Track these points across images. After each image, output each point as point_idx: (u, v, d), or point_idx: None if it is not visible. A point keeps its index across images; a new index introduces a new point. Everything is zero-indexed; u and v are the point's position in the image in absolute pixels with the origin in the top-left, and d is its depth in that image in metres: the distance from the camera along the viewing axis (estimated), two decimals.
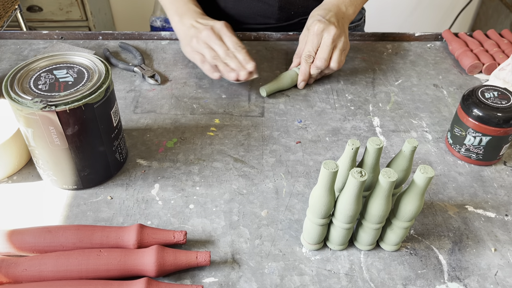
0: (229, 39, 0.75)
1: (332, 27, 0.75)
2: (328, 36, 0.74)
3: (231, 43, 0.74)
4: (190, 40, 0.76)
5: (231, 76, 0.72)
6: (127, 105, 0.73)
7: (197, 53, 0.75)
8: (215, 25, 0.75)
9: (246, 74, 0.72)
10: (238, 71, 0.72)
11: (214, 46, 0.74)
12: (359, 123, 0.71)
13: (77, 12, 1.97)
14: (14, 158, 0.59)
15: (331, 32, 0.74)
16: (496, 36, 0.90)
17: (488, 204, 0.58)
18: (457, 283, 0.49)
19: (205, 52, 0.74)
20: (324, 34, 0.75)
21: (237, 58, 0.73)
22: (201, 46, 0.75)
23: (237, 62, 0.73)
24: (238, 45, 0.74)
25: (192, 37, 0.76)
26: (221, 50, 0.74)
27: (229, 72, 0.72)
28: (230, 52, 0.74)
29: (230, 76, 0.72)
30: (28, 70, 0.53)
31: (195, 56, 0.76)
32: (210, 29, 0.74)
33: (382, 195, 0.45)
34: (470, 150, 0.62)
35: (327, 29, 0.75)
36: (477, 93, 0.61)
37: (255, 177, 0.61)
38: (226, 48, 0.74)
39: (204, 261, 0.47)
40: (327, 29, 0.75)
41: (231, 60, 0.73)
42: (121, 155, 0.60)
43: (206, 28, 0.75)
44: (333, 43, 0.75)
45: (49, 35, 0.89)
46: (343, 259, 0.51)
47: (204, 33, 0.74)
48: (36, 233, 0.48)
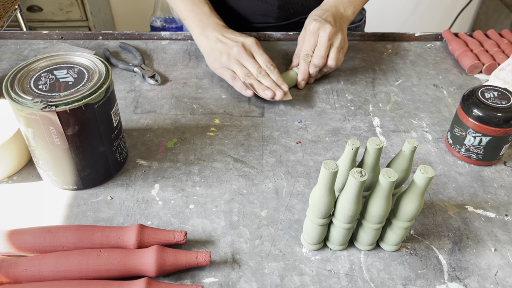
0: (261, 57, 0.75)
1: (328, 25, 0.75)
2: (324, 34, 0.74)
3: (263, 61, 0.74)
4: (219, 55, 0.75)
5: (267, 94, 0.71)
6: (127, 105, 0.73)
7: (227, 69, 0.75)
8: (246, 42, 0.75)
9: (282, 94, 0.71)
10: (274, 90, 0.72)
11: (247, 63, 0.74)
12: (359, 123, 0.71)
13: (77, 12, 1.97)
14: (14, 158, 0.59)
15: (326, 30, 0.74)
16: (496, 36, 0.90)
17: (488, 204, 0.58)
18: (457, 283, 0.49)
19: (237, 69, 0.74)
20: (320, 32, 0.75)
21: (270, 77, 0.73)
22: (232, 62, 0.74)
23: (270, 81, 0.73)
24: (270, 63, 0.74)
25: (221, 52, 0.75)
26: (253, 68, 0.73)
27: (265, 90, 0.71)
28: (262, 70, 0.73)
29: (266, 94, 0.71)
30: (28, 70, 0.53)
31: (225, 73, 0.75)
32: (241, 45, 0.74)
33: (382, 195, 0.45)
34: (470, 150, 0.62)
35: (322, 27, 0.75)
36: (477, 93, 0.61)
37: (255, 177, 0.61)
38: (259, 66, 0.74)
39: (204, 261, 0.47)
40: (323, 27, 0.75)
41: (264, 78, 0.73)
42: (121, 155, 0.60)
43: (237, 44, 0.74)
44: (329, 41, 0.75)
45: (49, 35, 0.89)
46: (343, 259, 0.51)
47: (235, 49, 0.74)
48: (36, 233, 0.48)
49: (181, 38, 0.91)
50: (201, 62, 0.84)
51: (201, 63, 0.84)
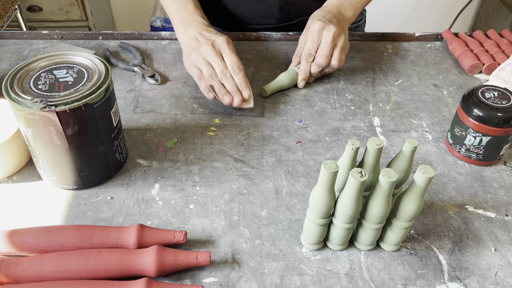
0: (229, 58, 0.72)
1: (332, 25, 0.75)
2: (328, 34, 0.74)
3: (230, 62, 0.72)
4: (190, 53, 0.74)
5: (225, 100, 0.69)
6: (127, 105, 0.73)
7: (196, 68, 0.73)
8: (217, 40, 0.73)
9: (240, 101, 0.69)
10: (233, 96, 0.69)
11: (213, 63, 0.72)
12: (359, 123, 0.71)
13: (77, 12, 1.97)
14: (14, 158, 0.59)
15: (331, 30, 0.74)
16: (496, 36, 0.90)
17: (488, 204, 0.58)
18: (457, 283, 0.49)
19: (203, 68, 0.72)
20: (324, 32, 0.75)
21: (234, 80, 0.71)
22: (200, 61, 0.72)
23: (233, 85, 0.70)
24: (236, 65, 0.71)
25: (192, 50, 0.73)
26: (219, 68, 0.71)
27: (224, 95, 0.69)
28: (227, 72, 0.71)
29: (224, 99, 0.69)
30: (28, 70, 0.53)
31: (193, 71, 0.74)
32: (211, 44, 0.72)
33: (382, 195, 0.45)
34: (470, 150, 0.62)
35: (326, 28, 0.75)
36: (477, 93, 0.61)
37: (255, 177, 0.61)
38: (225, 67, 0.71)
39: (204, 261, 0.47)
40: (327, 28, 0.74)
41: (227, 81, 0.70)
42: (121, 155, 0.60)
43: (207, 42, 0.72)
44: (333, 41, 0.75)
45: (49, 35, 0.89)
46: (343, 259, 0.51)
47: (204, 47, 0.72)
48: (36, 233, 0.48)
49: None
50: None
51: None
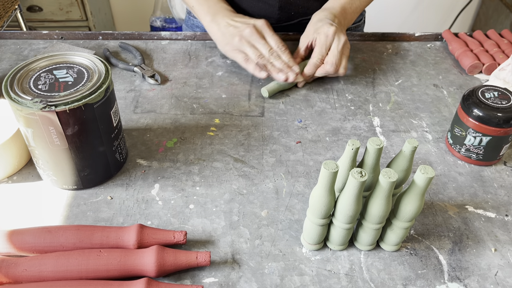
0: (272, 38, 0.75)
1: (342, 34, 0.76)
2: (339, 43, 0.75)
3: (274, 42, 0.75)
4: (231, 38, 0.76)
5: (280, 76, 0.73)
6: (127, 105, 0.73)
7: (240, 51, 0.76)
8: (257, 23, 0.76)
9: (295, 76, 0.73)
10: (287, 72, 0.73)
11: (258, 45, 0.75)
12: (359, 123, 0.71)
13: (77, 12, 1.97)
14: (14, 158, 0.58)
15: (341, 39, 0.75)
16: (496, 36, 0.90)
17: (488, 204, 0.58)
18: (457, 283, 0.49)
19: (249, 51, 0.75)
20: (335, 40, 0.76)
21: (282, 59, 0.74)
22: (244, 44, 0.75)
23: (282, 63, 0.74)
24: (281, 44, 0.75)
25: (233, 35, 0.75)
26: (265, 49, 0.74)
27: (278, 72, 0.73)
28: (274, 51, 0.74)
29: (279, 76, 0.73)
30: (28, 70, 0.53)
31: (237, 55, 0.76)
32: (253, 27, 0.75)
33: (382, 195, 0.45)
34: (470, 150, 0.62)
35: (338, 36, 0.75)
36: (477, 93, 0.61)
37: (255, 177, 0.60)
38: (270, 48, 0.75)
39: (204, 261, 0.47)
40: (338, 36, 0.75)
41: (276, 60, 0.74)
42: (121, 155, 0.60)
43: (249, 26, 0.75)
44: (342, 49, 0.76)
45: (49, 35, 0.89)
46: (343, 259, 0.51)
47: (247, 31, 0.75)
48: (36, 233, 0.48)
49: (181, 38, 0.91)
50: (201, 62, 0.84)
51: (201, 63, 0.84)
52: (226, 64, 0.84)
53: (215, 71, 0.82)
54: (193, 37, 0.91)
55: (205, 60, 0.85)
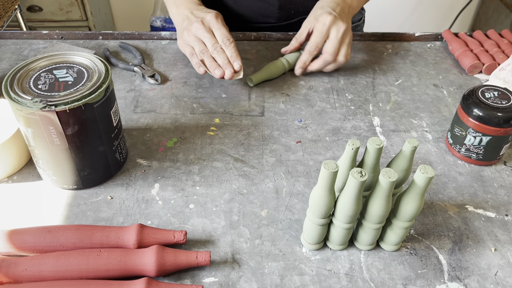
0: (219, 32, 0.74)
1: (341, 22, 0.75)
2: (337, 32, 0.75)
3: (220, 35, 0.74)
4: (182, 32, 0.76)
5: (216, 73, 0.71)
6: (127, 105, 0.73)
7: (188, 45, 0.76)
8: (206, 17, 0.75)
9: (231, 74, 0.70)
10: (224, 69, 0.71)
11: (204, 39, 0.74)
12: (359, 122, 0.71)
13: (77, 12, 1.97)
14: (14, 158, 0.59)
15: (340, 27, 0.75)
16: (496, 36, 0.90)
17: (488, 204, 0.58)
18: (457, 283, 0.49)
19: (195, 45, 0.74)
20: (333, 28, 0.75)
21: (225, 53, 0.72)
22: (191, 38, 0.74)
23: (224, 58, 0.72)
24: (226, 38, 0.73)
25: (184, 29, 0.76)
26: (209, 43, 0.73)
27: (215, 69, 0.71)
28: (218, 46, 0.73)
29: (215, 73, 0.71)
30: (28, 70, 0.53)
31: (186, 49, 0.76)
32: (201, 21, 0.74)
33: (382, 195, 0.45)
34: (470, 150, 0.62)
35: (336, 24, 0.75)
36: (477, 93, 0.61)
37: (255, 176, 0.61)
38: (215, 41, 0.73)
39: (204, 261, 0.47)
40: (336, 24, 0.75)
41: (218, 55, 0.72)
42: (121, 155, 0.60)
43: (197, 20, 0.74)
44: (342, 38, 0.75)
45: (49, 35, 0.89)
46: (343, 259, 0.51)
47: (194, 25, 0.74)
48: (36, 233, 0.48)
49: None
50: None
51: None
52: None
53: None
54: None
55: None
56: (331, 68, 0.79)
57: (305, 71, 0.79)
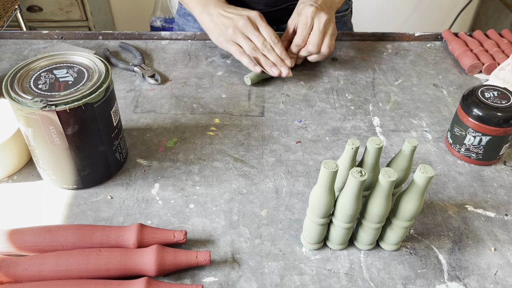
0: (265, 30, 0.76)
1: (323, 13, 0.76)
2: (320, 22, 0.76)
3: (267, 34, 0.75)
4: (224, 29, 0.76)
5: (274, 71, 0.74)
6: (127, 105, 0.73)
7: (233, 43, 0.76)
8: (251, 15, 0.76)
9: (288, 72, 0.75)
10: (279, 67, 0.74)
11: (252, 36, 0.75)
12: (359, 122, 0.71)
13: (77, 12, 1.97)
14: (14, 158, 0.59)
15: (322, 18, 0.76)
16: (496, 36, 0.90)
17: (488, 203, 0.58)
18: (457, 283, 0.49)
19: (243, 42, 0.75)
20: (315, 20, 0.76)
21: (275, 51, 0.75)
22: (237, 36, 0.75)
23: (275, 56, 0.75)
24: (275, 36, 0.76)
25: (227, 26, 0.76)
26: (258, 41, 0.75)
27: (271, 67, 0.74)
28: (267, 43, 0.75)
29: (273, 71, 0.74)
30: (28, 70, 0.53)
31: (231, 47, 0.76)
32: (247, 18, 0.75)
33: (382, 194, 0.45)
34: (470, 149, 0.62)
35: (318, 15, 0.76)
36: (477, 92, 0.61)
37: (255, 176, 0.61)
38: (264, 40, 0.75)
39: (204, 260, 0.47)
40: (318, 15, 0.76)
41: (269, 53, 0.75)
42: (121, 154, 0.60)
43: (242, 17, 0.75)
44: (324, 28, 0.76)
45: (49, 35, 0.89)
46: (343, 259, 0.51)
47: (240, 22, 0.75)
48: (36, 233, 0.48)
49: (181, 38, 0.91)
50: (201, 62, 0.84)
51: (201, 63, 0.84)
52: (226, 64, 0.84)
53: (215, 71, 0.82)
54: (193, 37, 0.91)
55: (205, 60, 0.85)
56: (314, 58, 0.80)
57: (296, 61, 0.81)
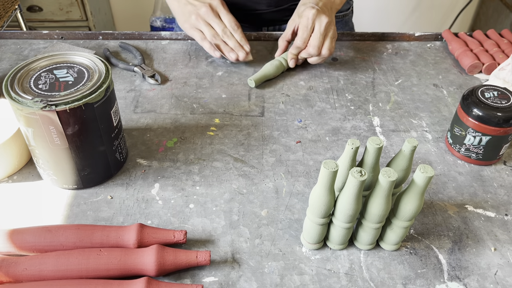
0: (226, 17, 0.78)
1: (324, 16, 0.77)
2: (320, 25, 0.77)
3: (228, 21, 0.78)
4: (188, 16, 0.79)
5: (231, 56, 0.77)
6: (127, 105, 0.73)
7: (197, 30, 0.79)
8: (213, 2, 0.79)
9: (245, 56, 0.78)
10: (237, 52, 0.77)
11: (213, 23, 0.78)
12: (359, 122, 0.71)
13: (77, 12, 1.97)
14: (15, 158, 0.59)
15: (323, 20, 0.76)
16: (496, 36, 0.90)
17: (488, 203, 0.58)
18: (457, 283, 0.49)
19: (205, 29, 0.78)
20: (316, 22, 0.77)
21: (234, 38, 0.78)
22: (200, 23, 0.78)
23: (234, 42, 0.78)
24: (234, 23, 0.78)
25: (190, 13, 0.79)
26: (219, 28, 0.78)
27: (229, 52, 0.77)
28: (227, 30, 0.78)
29: (230, 56, 0.77)
30: (28, 70, 0.53)
31: (195, 33, 0.79)
32: (208, 6, 0.78)
33: (382, 194, 0.45)
34: (470, 149, 0.63)
35: (319, 18, 0.77)
36: (477, 92, 0.61)
37: (255, 176, 0.61)
38: (224, 26, 0.78)
39: (204, 260, 0.47)
40: (319, 18, 0.76)
41: (229, 39, 0.78)
42: (121, 154, 0.60)
43: (204, 5, 0.78)
44: (325, 31, 0.77)
45: (49, 35, 0.89)
46: (343, 259, 0.51)
47: (202, 9, 0.78)
48: (36, 233, 0.48)
49: (181, 38, 0.91)
50: (201, 62, 0.84)
51: (201, 63, 0.84)
52: (226, 64, 0.84)
53: (215, 71, 0.82)
54: None
55: (205, 60, 0.85)
56: (315, 61, 0.80)
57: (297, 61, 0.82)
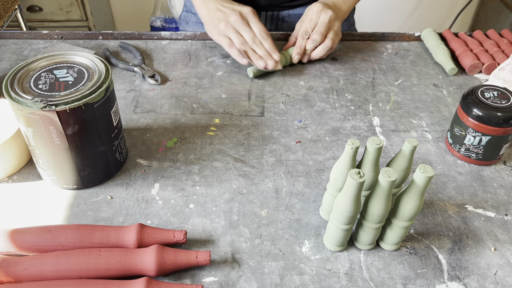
0: (256, 26, 0.78)
1: (330, 10, 0.80)
2: (325, 16, 0.79)
3: (258, 30, 0.78)
4: (217, 23, 0.79)
5: (260, 64, 0.76)
6: (127, 105, 0.73)
7: (225, 36, 0.79)
8: (243, 10, 0.79)
9: (274, 64, 0.77)
10: (266, 60, 0.76)
11: (242, 31, 0.78)
12: (359, 122, 0.71)
13: (77, 12, 1.97)
14: (14, 158, 0.59)
15: (328, 13, 0.79)
16: (496, 36, 0.90)
17: (488, 203, 0.58)
18: (456, 283, 0.49)
19: (233, 36, 0.78)
20: (321, 14, 0.80)
21: (264, 46, 0.78)
22: (229, 30, 0.78)
23: (264, 50, 0.78)
24: (264, 32, 0.78)
25: (219, 20, 0.78)
26: (248, 36, 0.77)
27: (258, 59, 0.77)
28: (257, 39, 0.78)
29: (259, 63, 0.76)
30: (28, 70, 0.53)
31: (223, 40, 0.79)
32: (239, 14, 0.78)
33: (382, 194, 0.45)
34: (470, 149, 0.63)
35: (324, 10, 0.80)
36: (477, 92, 0.61)
37: (255, 176, 0.61)
38: (253, 35, 0.78)
39: (204, 260, 0.47)
40: (325, 10, 0.80)
41: (258, 48, 0.78)
42: (121, 154, 0.60)
43: (235, 12, 0.78)
44: (329, 23, 0.79)
45: (49, 35, 0.89)
46: (343, 259, 0.51)
47: (232, 17, 0.77)
48: (36, 233, 0.48)
49: (181, 38, 0.91)
50: (201, 62, 0.84)
51: (201, 63, 0.84)
52: (226, 64, 0.84)
53: (215, 71, 0.82)
54: (193, 37, 0.91)
55: (205, 60, 0.85)
56: (318, 53, 0.82)
57: (302, 57, 0.83)
